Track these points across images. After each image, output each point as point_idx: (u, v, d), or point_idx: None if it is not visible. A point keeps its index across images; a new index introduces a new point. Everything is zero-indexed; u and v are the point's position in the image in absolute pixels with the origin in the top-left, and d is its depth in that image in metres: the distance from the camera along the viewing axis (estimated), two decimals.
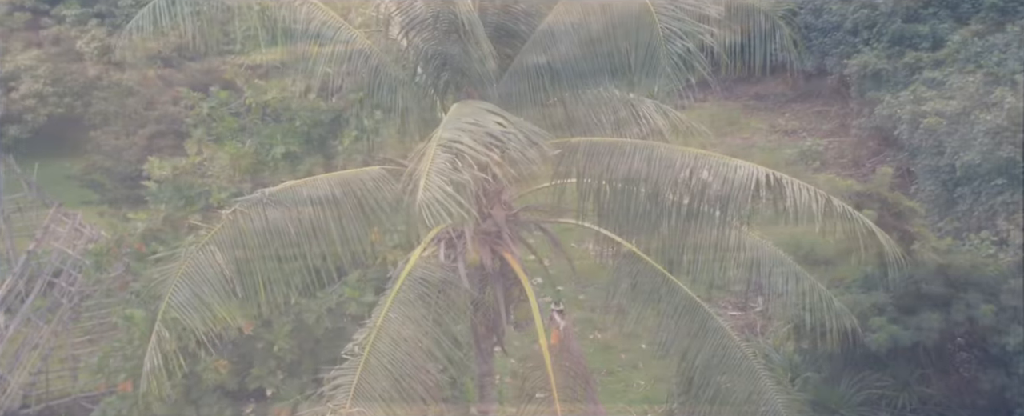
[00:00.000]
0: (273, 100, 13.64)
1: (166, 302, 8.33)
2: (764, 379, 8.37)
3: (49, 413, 17.49)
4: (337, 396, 7.44)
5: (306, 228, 8.63)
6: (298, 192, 8.72)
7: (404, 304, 7.87)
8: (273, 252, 8.58)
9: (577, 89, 8.10)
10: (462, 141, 6.97)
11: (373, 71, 8.67)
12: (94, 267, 14.13)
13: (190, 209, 13.76)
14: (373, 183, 8.77)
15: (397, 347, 7.70)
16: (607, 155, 8.28)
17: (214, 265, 8.30)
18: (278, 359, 13.36)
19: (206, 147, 14.07)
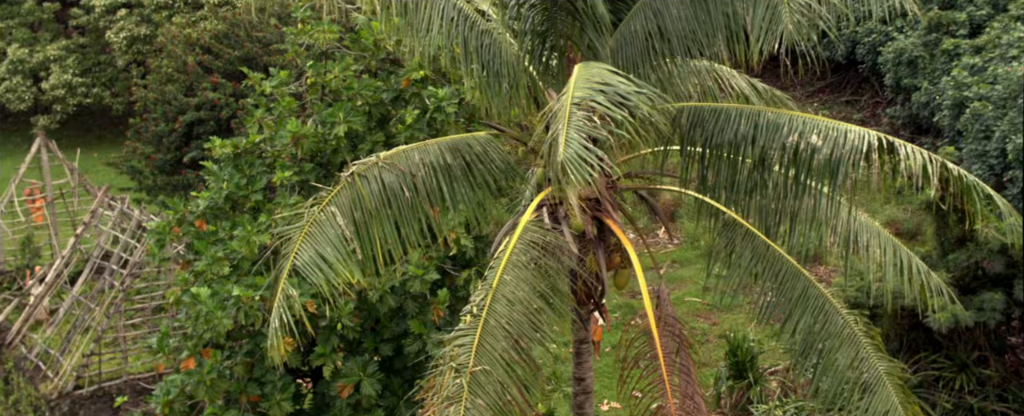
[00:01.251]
0: (335, 79, 13.66)
1: (291, 260, 8.36)
2: (866, 347, 8.36)
3: (102, 394, 17.59)
4: (459, 356, 7.45)
5: (420, 191, 8.67)
6: (411, 156, 8.75)
7: (516, 267, 7.88)
8: (389, 215, 8.61)
9: (687, 53, 8.08)
10: (596, 100, 6.98)
11: (478, 36, 8.66)
12: (156, 245, 14.16)
13: (252, 188, 13.80)
14: (481, 147, 8.81)
15: (513, 308, 7.72)
16: (712, 120, 8.27)
17: (334, 226, 8.34)
18: (341, 337, 13.40)
19: (267, 126, 14.10)
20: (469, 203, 8.75)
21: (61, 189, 22.97)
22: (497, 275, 7.78)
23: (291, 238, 8.53)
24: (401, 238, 8.69)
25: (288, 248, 8.45)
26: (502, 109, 8.72)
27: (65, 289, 19.39)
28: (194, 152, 23.57)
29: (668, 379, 7.88)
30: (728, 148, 8.27)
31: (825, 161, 7.68)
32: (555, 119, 7.02)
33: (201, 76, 23.96)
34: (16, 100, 37.89)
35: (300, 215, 8.69)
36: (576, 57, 8.51)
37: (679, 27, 7.99)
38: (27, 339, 18.99)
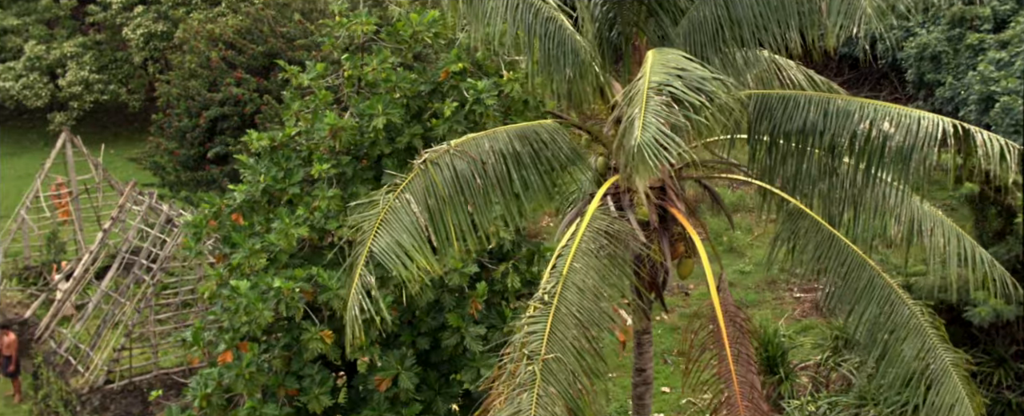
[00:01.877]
0: (373, 72, 13.61)
1: (367, 247, 8.32)
2: (932, 337, 8.30)
3: (132, 388, 17.58)
4: (531, 342, 7.40)
5: (490, 179, 8.63)
6: (481, 144, 8.72)
7: (586, 255, 7.84)
8: (462, 202, 8.58)
9: (757, 41, 8.00)
10: (673, 85, 6.93)
11: (542, 23, 8.61)
12: (193, 239, 14.14)
13: (289, 181, 13.77)
14: (548, 134, 8.77)
15: (583, 296, 7.68)
16: (780, 107, 8.22)
17: (409, 213, 8.31)
18: (379, 330, 13.36)
19: (304, 119, 14.07)
20: (538, 190, 8.69)
21: (86, 185, 22.97)
22: (567, 263, 7.74)
23: (368, 225, 8.44)
24: (474, 225, 8.62)
25: (364, 235, 8.39)
26: (564, 97, 8.66)
27: (93, 284, 19.39)
28: (218, 147, 23.56)
29: (734, 368, 7.82)
30: (797, 136, 8.22)
31: (897, 149, 7.62)
32: (630, 103, 6.98)
33: (225, 71, 23.94)
34: (33, 97, 37.90)
35: (375, 203, 8.63)
36: (641, 44, 8.47)
37: (750, 13, 7.93)
38: (56, 334, 18.99)
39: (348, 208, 13.49)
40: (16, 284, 21.92)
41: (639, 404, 9.56)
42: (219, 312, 14.25)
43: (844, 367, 16.82)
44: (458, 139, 8.95)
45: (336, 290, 12.98)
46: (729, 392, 8.13)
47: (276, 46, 24.08)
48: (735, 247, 24.87)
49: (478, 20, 8.70)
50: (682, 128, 6.88)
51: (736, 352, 8.12)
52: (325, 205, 13.37)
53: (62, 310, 19.25)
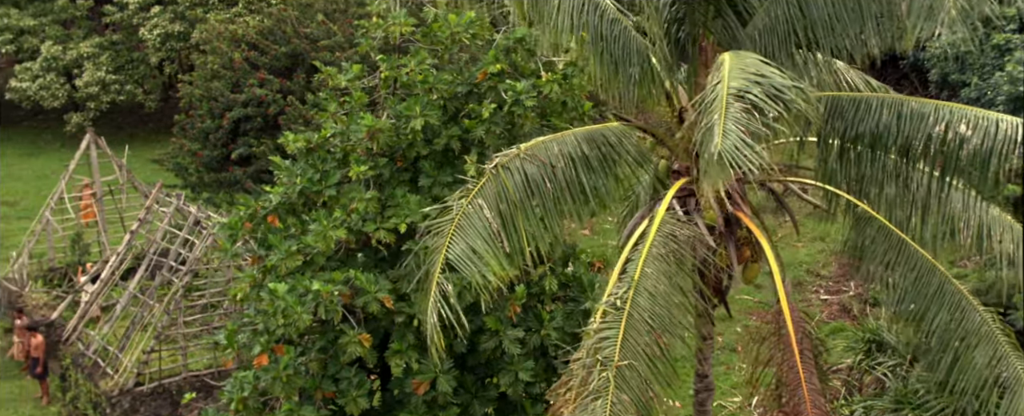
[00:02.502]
0: (412, 73, 13.52)
1: (443, 254, 8.23)
2: (1004, 345, 8.19)
3: (162, 391, 17.52)
4: (603, 348, 7.32)
5: (559, 183, 8.54)
6: (550, 147, 8.63)
7: (656, 259, 7.75)
8: (532, 206, 8.48)
9: (831, 43, 7.90)
10: (753, 92, 6.85)
11: (608, 24, 8.52)
12: (228, 241, 14.06)
13: (325, 183, 13.69)
14: (615, 137, 8.68)
15: (655, 302, 7.59)
16: (851, 109, 8.12)
17: (483, 219, 8.21)
18: (417, 334, 13.29)
19: (339, 121, 13.98)
20: (606, 194, 8.59)
21: (110, 186, 22.92)
22: (638, 268, 7.65)
23: (442, 231, 8.36)
24: (546, 229, 8.53)
25: (438, 241, 8.30)
26: (627, 99, 8.55)
27: (120, 286, 19.35)
28: (241, 149, 23.49)
29: (804, 377, 7.72)
30: (869, 138, 8.12)
31: (974, 152, 7.52)
32: (709, 109, 6.88)
33: (247, 72, 23.86)
34: (50, 97, 37.90)
35: (449, 208, 8.53)
36: (707, 45, 8.37)
37: (824, 15, 7.83)
38: (84, 336, 18.94)
39: (386, 210, 13.44)
40: (41, 286, 21.88)
41: (701, 411, 9.47)
42: (253, 314, 14.19)
43: (878, 370, 16.71)
44: (526, 143, 8.83)
45: (374, 293, 12.92)
46: (796, 399, 8.03)
47: (299, 47, 24.01)
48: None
49: (542, 20, 8.59)
50: (761, 135, 6.79)
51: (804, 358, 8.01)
52: (362, 207, 13.29)
53: (89, 312, 19.20)
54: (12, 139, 40.54)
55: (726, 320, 21.69)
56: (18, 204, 31.08)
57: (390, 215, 13.36)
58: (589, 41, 8.44)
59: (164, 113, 42.61)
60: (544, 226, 8.55)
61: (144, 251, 19.75)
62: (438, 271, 8.23)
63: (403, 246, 13.33)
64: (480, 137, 13.37)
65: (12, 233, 27.97)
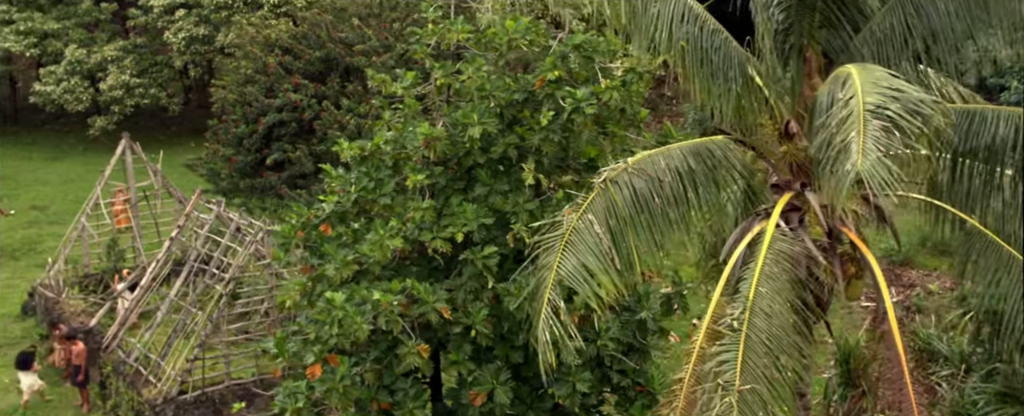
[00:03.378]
0: (470, 80, 13.35)
1: (554, 271, 8.06)
2: None
3: (205, 399, 17.39)
4: (724, 371, 7.14)
5: (667, 197, 8.37)
6: (656, 161, 8.46)
7: (769, 278, 7.58)
8: (643, 221, 8.31)
9: (954, 51, 7.72)
10: (891, 108, 6.67)
11: (708, 36, 8.35)
12: (281, 250, 13.92)
13: (380, 191, 13.53)
14: (720, 151, 8.50)
15: (771, 323, 7.41)
16: (965, 122, 7.95)
17: (593, 235, 8.04)
18: (474, 345, 13.13)
19: (395, 128, 13.82)
20: (712, 208, 8.42)
21: (144, 191, 22.81)
22: (752, 287, 7.47)
23: (551, 246, 8.19)
24: (656, 245, 8.35)
25: (548, 258, 8.13)
26: (727, 111, 8.38)
27: (158, 292, 19.22)
28: (276, 154, 23.38)
29: (913, 395, 7.54)
30: (984, 152, 7.93)
31: None
32: (843, 125, 6.70)
33: (282, 77, 23.75)
34: (74, 101, 37.89)
35: (558, 223, 8.37)
36: (812, 56, 8.19)
37: (947, 23, 7.65)
38: (124, 343, 18.82)
39: (441, 219, 13.28)
40: (77, 292, 21.78)
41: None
42: (304, 323, 14.05)
43: (932, 379, 16.50)
44: (634, 157, 8.65)
45: (432, 303, 12.76)
46: None
47: (334, 51, 23.88)
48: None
49: (640, 32, 8.42)
50: (900, 156, 6.61)
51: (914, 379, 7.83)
52: (419, 216, 13.13)
53: (128, 319, 19.08)
54: (36, 143, 40.57)
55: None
56: (48, 209, 31.02)
57: (446, 224, 13.20)
58: (688, 52, 8.24)
59: (186, 117, 42.62)
60: (653, 242, 8.34)
61: (182, 257, 19.61)
62: (550, 287, 8.01)
63: (460, 256, 13.19)
64: (537, 145, 13.21)
65: (44, 238, 27.91)
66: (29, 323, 22.25)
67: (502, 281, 13.07)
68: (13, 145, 40.18)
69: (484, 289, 13.27)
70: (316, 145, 22.99)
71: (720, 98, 8.41)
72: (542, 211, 13.50)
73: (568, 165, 13.88)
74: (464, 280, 13.26)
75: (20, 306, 22.97)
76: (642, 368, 14.04)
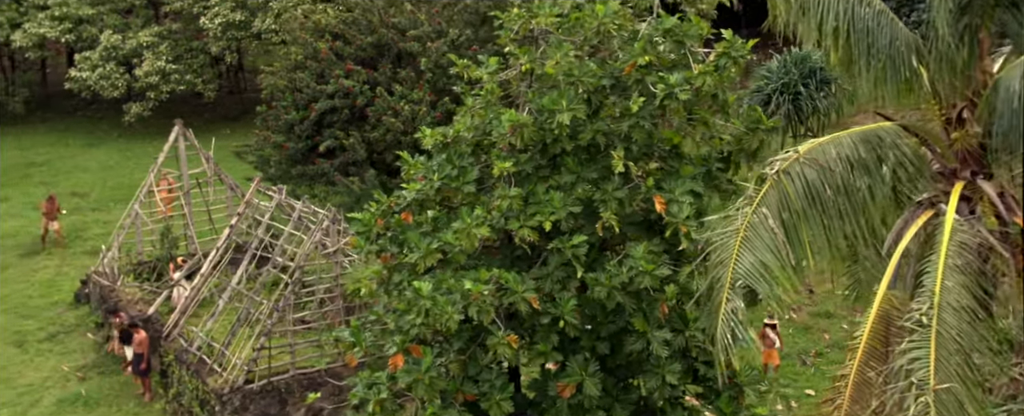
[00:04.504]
0: (557, 65, 13.05)
1: (731, 269, 7.77)
2: None
3: (271, 388, 17.20)
4: (916, 369, 6.85)
5: (838, 187, 8.07)
6: (827, 150, 8.15)
7: (954, 271, 7.27)
8: (814, 214, 8.01)
9: None
10: None
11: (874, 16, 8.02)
12: (362, 239, 13.67)
13: (463, 179, 13.26)
14: (890, 139, 8.20)
15: (960, 318, 7.11)
16: None
17: (768, 230, 7.74)
18: (561, 335, 12.87)
19: (478, 115, 13.55)
20: (884, 199, 8.10)
21: (197, 179, 22.60)
22: (937, 280, 7.16)
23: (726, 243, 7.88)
24: (827, 241, 8.04)
25: (723, 254, 7.83)
26: (894, 96, 8.05)
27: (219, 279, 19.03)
28: (329, 141, 23.12)
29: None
30: None
31: None
32: None
33: (333, 63, 23.46)
34: (110, 87, 37.70)
35: (730, 218, 8.07)
36: (985, 37, 7.85)
37: None
38: (185, 331, 18.64)
39: (527, 207, 13.00)
40: (132, 280, 21.61)
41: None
42: (382, 312, 13.82)
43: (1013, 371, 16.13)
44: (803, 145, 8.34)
45: (521, 293, 12.51)
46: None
47: (386, 36, 23.57)
48: None
49: (806, 14, 8.10)
50: None
51: None
52: (506, 204, 12.86)
53: (189, 308, 18.90)
54: (70, 129, 40.41)
55: (831, 317, 21.24)
56: (89, 196, 30.87)
57: (532, 212, 12.92)
58: (853, 35, 7.91)
59: (219, 104, 42.41)
60: (826, 237, 8.02)
61: (246, 244, 19.40)
62: (728, 286, 7.70)
63: (548, 245, 12.93)
64: (627, 132, 12.93)
65: (88, 226, 27.76)
66: (82, 311, 22.12)
67: (589, 270, 12.83)
68: (47, 132, 40.05)
69: (571, 279, 13.02)
70: (369, 132, 22.72)
71: (887, 83, 8.07)
72: (631, 199, 13.28)
73: (653, 152, 13.60)
74: (551, 269, 13.00)
75: (73, 294, 22.84)
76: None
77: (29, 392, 18.81)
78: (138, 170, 33.89)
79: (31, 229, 27.71)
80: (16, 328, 21.48)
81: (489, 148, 13.46)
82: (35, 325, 21.59)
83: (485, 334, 13.02)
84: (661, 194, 12.78)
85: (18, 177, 33.35)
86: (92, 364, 19.84)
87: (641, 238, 13.30)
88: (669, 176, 13.13)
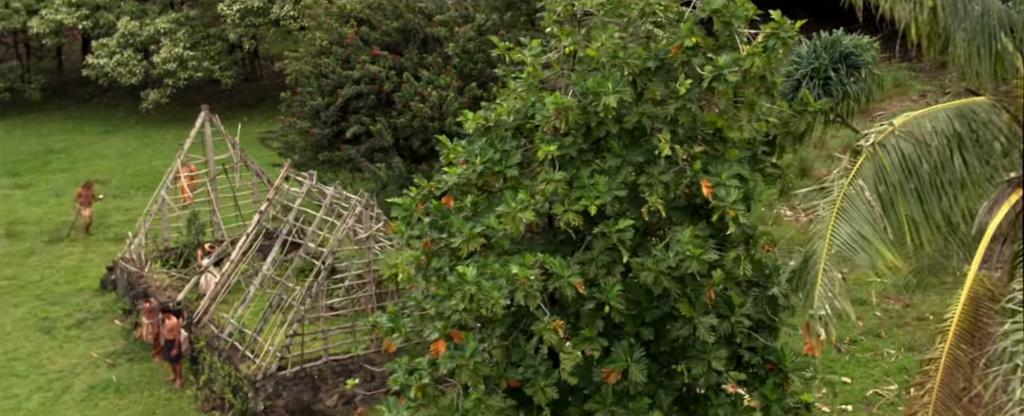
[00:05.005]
0: (602, 48, 12.86)
1: (828, 240, 7.59)
2: None
3: (304, 375, 17.09)
4: (1020, 352, 6.68)
5: (934, 162, 7.89)
6: (922, 124, 7.97)
7: None
8: (911, 188, 7.83)
9: None
10: None
11: None
12: (403, 223, 13.50)
13: (506, 163, 13.09)
14: (984, 114, 8.02)
15: None
16: None
17: (864, 202, 7.56)
18: (606, 320, 12.72)
19: (520, 98, 13.37)
20: (978, 176, 7.92)
21: (223, 164, 22.47)
22: None
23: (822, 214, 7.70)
24: (924, 215, 7.85)
25: (819, 226, 7.65)
26: (983, 70, 7.85)
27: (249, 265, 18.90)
28: (355, 127, 22.96)
29: None
30: None
31: None
32: None
33: (359, 48, 23.27)
34: (127, 74, 37.56)
35: (826, 190, 7.89)
36: None
37: None
38: (216, 318, 18.53)
39: (572, 191, 12.83)
40: (159, 266, 21.50)
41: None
42: (420, 298, 13.67)
43: None
44: (898, 118, 8.15)
45: (567, 278, 12.35)
46: None
47: (412, 21, 23.38)
48: None
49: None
50: None
51: None
52: (550, 188, 12.68)
53: (219, 294, 18.79)
54: (86, 117, 40.30)
55: (864, 304, 21.03)
56: (110, 182, 30.75)
57: (577, 196, 12.75)
58: (942, 6, 7.70)
59: (235, 91, 42.23)
60: (922, 211, 7.84)
61: (276, 231, 19.27)
62: (825, 257, 7.52)
63: (593, 229, 12.77)
64: (673, 115, 12.75)
65: (110, 212, 27.66)
66: (109, 297, 22.04)
67: (633, 255, 12.67)
68: (63, 119, 39.95)
69: (616, 264, 12.86)
70: (395, 118, 22.55)
71: (979, 56, 7.87)
72: (676, 183, 13.10)
73: (697, 135, 13.42)
74: (595, 254, 12.83)
75: (99, 281, 22.76)
76: (772, 346, 13.63)
77: (60, 378, 18.75)
78: (157, 157, 33.79)
79: (53, 216, 27.65)
80: (44, 314, 21.41)
81: (530, 132, 13.29)
82: (62, 312, 21.52)
83: (527, 319, 12.91)
84: (707, 178, 12.62)
85: (38, 164, 33.28)
86: (121, 351, 19.77)
87: (685, 223, 13.16)
88: (715, 160, 12.98)
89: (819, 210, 7.92)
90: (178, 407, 17.88)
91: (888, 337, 19.50)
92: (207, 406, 17.84)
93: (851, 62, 27.18)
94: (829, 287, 7.64)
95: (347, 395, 17.50)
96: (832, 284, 7.63)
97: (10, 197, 29.51)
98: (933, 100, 31.46)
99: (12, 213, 27.90)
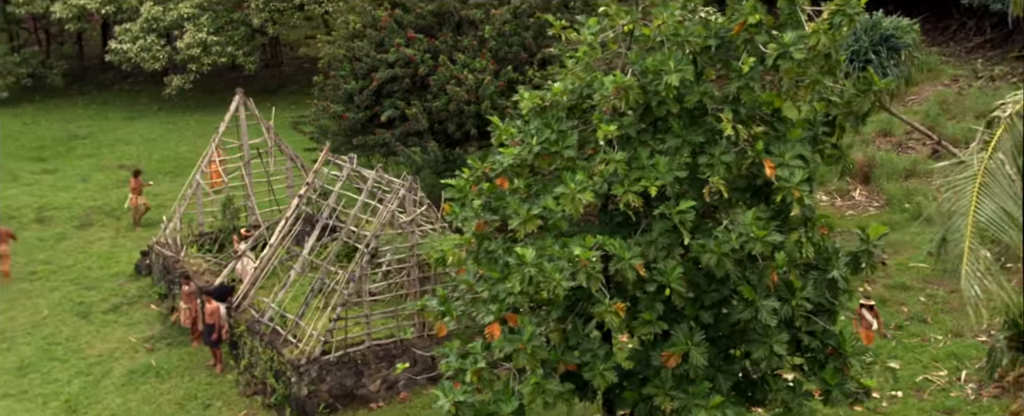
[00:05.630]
0: (664, 26, 12.61)
1: (971, 216, 7.36)
2: None
3: (347, 360, 16.91)
4: None
5: None
6: None
7: None
8: None
9: None
10: None
11: None
12: (457, 205, 13.30)
13: (563, 144, 12.85)
14: None
15: None
16: None
17: (1005, 176, 7.31)
18: (666, 303, 12.49)
19: (577, 78, 13.12)
20: None
21: (258, 149, 22.27)
22: None
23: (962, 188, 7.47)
24: None
25: (960, 202, 7.40)
26: None
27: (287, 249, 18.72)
28: (390, 111, 22.73)
29: None
30: None
31: None
32: None
33: (393, 31, 23.02)
34: (151, 59, 37.39)
35: (965, 164, 7.64)
36: None
37: None
38: (256, 302, 18.36)
39: (631, 172, 12.59)
40: (194, 251, 21.34)
41: None
42: (472, 281, 13.46)
43: None
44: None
45: (628, 259, 12.12)
46: None
47: (447, 4, 23.10)
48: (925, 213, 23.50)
49: None
50: None
51: None
52: (610, 169, 12.44)
53: (259, 278, 18.62)
54: (109, 102, 40.15)
55: (908, 290, 20.76)
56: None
57: (637, 177, 12.51)
58: None
59: (257, 76, 42.00)
60: None
61: (317, 215, 19.06)
62: (970, 235, 7.28)
63: (653, 211, 12.54)
64: (735, 94, 12.49)
65: None
66: (144, 282, 21.90)
67: (692, 237, 12.44)
68: (86, 105, 39.81)
69: (676, 246, 12.63)
70: (430, 102, 22.30)
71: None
72: (739, 163, 12.86)
73: (756, 115, 13.17)
74: (655, 236, 12.60)
75: (133, 265, 22.61)
76: (831, 329, 13.40)
77: (100, 363, 18.62)
78: (182, 143, 33.63)
79: (82, 201, 27.51)
80: (80, 299, 21.28)
81: (586, 112, 13.06)
82: (98, 296, 21.40)
83: (584, 303, 12.70)
84: (770, 158, 12.39)
85: (63, 150, 33.15)
86: (159, 335, 19.63)
87: (744, 204, 12.93)
88: (776, 140, 12.73)
89: (960, 184, 7.59)
90: (219, 391, 17.73)
91: (935, 323, 19.21)
92: (249, 390, 17.69)
93: (892, 44, 26.88)
94: (975, 266, 7.34)
95: (390, 380, 17.33)
96: (978, 263, 7.33)
97: (39, 182, 29.39)
98: (966, 85, 31.07)
99: (42, 198, 27.78)
